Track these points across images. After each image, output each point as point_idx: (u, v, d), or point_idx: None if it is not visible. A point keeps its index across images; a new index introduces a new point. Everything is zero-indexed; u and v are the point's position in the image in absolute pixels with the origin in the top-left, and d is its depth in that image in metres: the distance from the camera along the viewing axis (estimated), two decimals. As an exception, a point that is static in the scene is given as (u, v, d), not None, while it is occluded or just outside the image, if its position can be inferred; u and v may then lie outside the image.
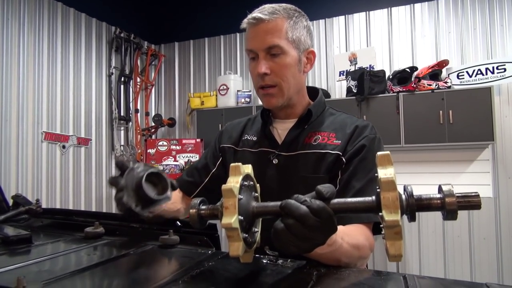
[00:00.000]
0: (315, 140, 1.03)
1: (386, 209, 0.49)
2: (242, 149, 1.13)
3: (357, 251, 0.77)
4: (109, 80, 4.22)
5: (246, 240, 0.58)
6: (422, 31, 3.80)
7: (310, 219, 0.53)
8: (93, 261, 0.68)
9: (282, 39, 0.97)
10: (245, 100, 4.23)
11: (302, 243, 0.55)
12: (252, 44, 0.99)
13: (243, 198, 0.59)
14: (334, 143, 1.01)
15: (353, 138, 1.01)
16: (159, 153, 4.06)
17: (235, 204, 0.55)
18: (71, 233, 0.89)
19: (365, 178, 0.94)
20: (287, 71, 0.99)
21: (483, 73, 3.40)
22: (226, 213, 0.56)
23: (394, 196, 0.50)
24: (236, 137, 1.17)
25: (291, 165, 1.02)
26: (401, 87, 3.53)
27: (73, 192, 3.68)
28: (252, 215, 0.61)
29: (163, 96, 4.97)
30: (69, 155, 3.67)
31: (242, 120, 1.23)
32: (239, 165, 0.61)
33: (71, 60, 3.75)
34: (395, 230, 0.48)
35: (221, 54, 4.68)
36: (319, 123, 1.07)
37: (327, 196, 0.56)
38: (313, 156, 1.01)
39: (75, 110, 3.78)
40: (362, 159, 0.97)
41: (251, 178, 0.66)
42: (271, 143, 1.08)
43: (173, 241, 0.79)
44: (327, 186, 0.57)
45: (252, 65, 1.02)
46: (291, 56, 0.99)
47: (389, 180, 0.50)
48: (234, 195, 0.56)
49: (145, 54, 4.74)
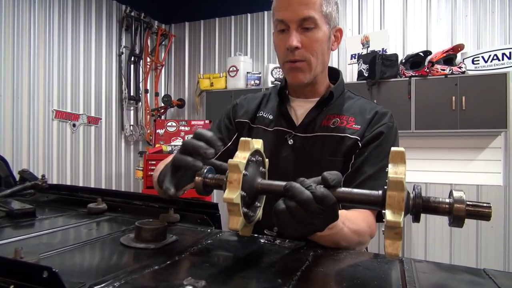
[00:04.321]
0: (333, 123, 1.00)
1: (389, 208, 0.48)
2: (257, 126, 1.09)
3: (357, 236, 0.77)
4: (119, 60, 4.23)
5: (246, 215, 0.58)
6: (437, 14, 3.69)
7: (312, 205, 0.53)
8: (92, 236, 0.69)
9: (317, 11, 0.92)
10: (255, 82, 4.20)
11: (300, 227, 0.55)
12: (283, 14, 0.93)
13: (249, 173, 0.59)
14: (353, 128, 0.98)
15: (372, 124, 0.98)
16: (168, 133, 4.08)
17: (239, 180, 0.56)
18: (75, 209, 0.91)
19: (377, 165, 0.93)
20: (318, 47, 0.95)
21: (499, 58, 3.30)
22: (230, 187, 0.56)
23: (400, 197, 0.48)
24: (252, 112, 1.12)
25: (307, 147, 1.00)
26: (413, 72, 3.45)
27: (83, 170, 3.75)
28: (256, 191, 0.61)
29: (173, 77, 4.96)
30: (79, 134, 3.72)
31: (257, 96, 1.18)
32: (249, 141, 0.60)
33: (81, 39, 3.75)
34: (396, 230, 0.47)
35: (231, 35, 4.63)
36: (338, 106, 1.04)
37: (333, 183, 0.55)
38: (332, 139, 0.98)
39: (85, 89, 3.81)
40: (378, 145, 0.95)
41: (260, 153, 0.66)
42: (287, 123, 1.04)
43: (174, 219, 0.79)
44: (333, 174, 0.56)
45: (280, 37, 0.97)
46: (323, 31, 0.95)
47: (397, 180, 0.48)
48: (240, 170, 0.56)
49: (155, 34, 4.71)
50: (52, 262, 0.54)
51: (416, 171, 3.64)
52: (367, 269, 0.59)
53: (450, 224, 0.51)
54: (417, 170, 3.66)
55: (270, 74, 4.11)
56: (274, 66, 4.11)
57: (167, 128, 4.10)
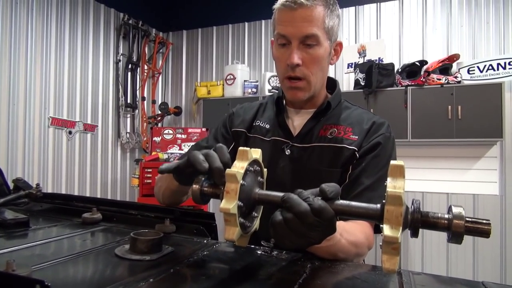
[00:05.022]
0: (331, 133, 1.00)
1: (387, 223, 0.48)
2: (253, 135, 1.08)
3: (355, 248, 0.76)
4: (116, 67, 4.23)
5: (243, 225, 0.58)
6: (433, 24, 3.73)
7: (309, 217, 0.52)
8: (86, 247, 0.68)
9: (320, 28, 0.91)
10: (252, 90, 4.21)
11: (297, 239, 0.54)
12: (286, 29, 0.92)
13: (247, 183, 0.58)
14: (351, 138, 0.98)
15: (369, 134, 0.98)
16: (165, 141, 4.07)
17: (236, 190, 0.55)
18: (70, 218, 0.90)
19: (375, 176, 0.92)
20: (318, 64, 0.95)
21: (494, 68, 3.33)
22: (227, 197, 0.55)
23: (398, 212, 0.47)
24: (248, 121, 1.11)
25: (305, 157, 0.99)
26: (410, 81, 3.48)
27: (78, 178, 3.72)
28: (253, 201, 0.61)
29: (170, 85, 4.97)
30: (75, 141, 3.70)
31: (253, 105, 1.17)
32: (248, 150, 0.60)
33: (78, 46, 3.76)
34: (393, 246, 0.47)
35: (229, 44, 4.65)
36: (335, 116, 1.04)
37: (331, 196, 0.55)
38: (329, 149, 0.98)
39: (82, 96, 3.80)
40: (375, 156, 0.95)
41: (258, 163, 0.65)
42: (285, 133, 1.04)
43: (169, 229, 0.79)
44: (331, 186, 0.55)
45: (281, 52, 0.96)
46: (324, 47, 0.94)
47: (396, 195, 0.48)
48: (237, 181, 0.55)
49: (153, 42, 4.72)
50: (45, 274, 0.53)
51: (412, 180, 3.64)
52: (365, 281, 0.59)
53: (448, 240, 0.51)
54: (414, 179, 3.66)
55: (267, 82, 4.11)
56: (271, 75, 4.12)
57: (164, 135, 4.09)
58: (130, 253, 0.62)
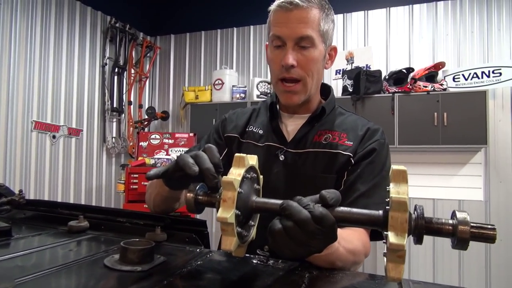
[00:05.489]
0: (325, 139, 0.99)
1: (392, 230, 0.46)
2: (247, 141, 1.06)
3: (353, 256, 0.75)
4: (102, 71, 4.16)
5: (240, 235, 0.56)
6: (420, 32, 3.79)
7: (310, 225, 0.50)
8: (73, 258, 0.64)
9: (315, 30, 0.91)
10: (240, 95, 4.19)
11: (298, 248, 0.52)
12: (281, 30, 0.91)
13: (243, 191, 0.56)
14: (345, 144, 0.97)
15: (364, 140, 0.97)
16: (151, 146, 4.01)
17: (233, 198, 0.53)
18: (55, 227, 0.86)
19: (370, 182, 0.91)
20: (314, 66, 0.94)
21: (478, 76, 3.40)
22: (224, 206, 0.53)
23: (403, 218, 0.46)
24: (241, 127, 1.09)
25: (299, 163, 0.98)
26: (397, 88, 3.52)
27: (62, 183, 3.62)
28: (250, 209, 0.58)
29: (157, 89, 4.91)
30: (59, 146, 3.61)
31: (246, 110, 1.16)
32: (244, 157, 0.58)
33: (64, 48, 3.68)
34: (399, 253, 0.45)
35: (217, 48, 4.63)
36: (329, 122, 1.03)
37: (331, 202, 0.53)
38: (324, 155, 0.96)
39: (67, 100, 3.71)
40: (370, 162, 0.94)
41: (255, 170, 0.63)
42: (279, 139, 1.02)
43: (160, 238, 0.76)
44: (332, 192, 0.54)
45: (276, 53, 0.95)
46: (319, 50, 0.94)
47: (401, 201, 0.46)
48: (234, 188, 0.53)
49: (140, 46, 4.67)
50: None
51: (399, 186, 3.66)
52: (365, 292, 0.57)
53: (453, 247, 0.49)
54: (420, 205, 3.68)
55: (255, 88, 4.11)
56: (260, 80, 4.11)
57: (151, 140, 4.03)
58: (120, 263, 0.59)
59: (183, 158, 0.63)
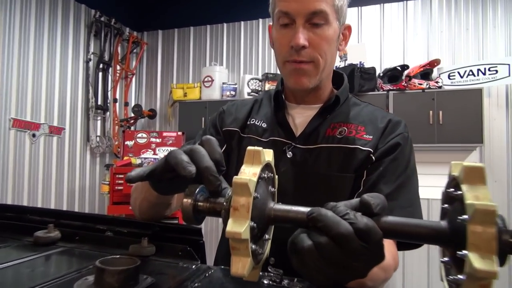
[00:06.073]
0: (340, 133, 0.86)
1: (476, 250, 0.33)
2: (248, 136, 0.93)
3: (384, 273, 0.62)
4: (86, 67, 3.97)
5: (254, 253, 0.42)
6: (414, 29, 3.72)
7: (353, 242, 0.37)
8: (36, 280, 0.50)
9: (329, 4, 0.78)
10: (230, 93, 4.06)
11: (336, 272, 0.39)
12: (289, 5, 0.78)
13: (260, 195, 0.42)
14: (364, 138, 0.84)
15: (386, 134, 0.85)
16: (138, 145, 3.84)
17: (248, 206, 0.39)
18: (19, 238, 0.71)
19: (394, 183, 0.79)
20: (328, 47, 0.81)
21: (474, 74, 3.34)
22: (235, 216, 0.39)
23: (490, 234, 0.33)
24: (241, 120, 0.96)
25: (310, 160, 0.85)
26: (391, 85, 3.44)
27: (42, 185, 3.43)
28: (267, 219, 0.44)
29: (144, 86, 4.74)
30: (39, 145, 3.42)
31: (246, 102, 1.02)
32: (260, 151, 0.44)
33: (45, 42, 3.49)
34: (484, 282, 0.32)
35: (207, 44, 4.49)
36: (343, 114, 0.90)
37: (377, 210, 0.40)
38: (340, 151, 0.83)
39: (48, 96, 3.52)
40: (394, 159, 0.81)
41: (271, 168, 0.49)
42: (285, 133, 0.89)
43: (148, 252, 0.62)
44: (375, 197, 0.41)
45: (283, 33, 0.82)
46: (333, 28, 0.81)
47: (488, 210, 0.33)
48: (249, 193, 0.40)
49: (126, 41, 4.50)
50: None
51: (394, 186, 3.58)
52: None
53: None
54: None
55: (246, 85, 3.98)
56: (251, 77, 3.99)
57: (137, 139, 3.86)
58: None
59: (175, 155, 0.49)
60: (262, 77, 3.93)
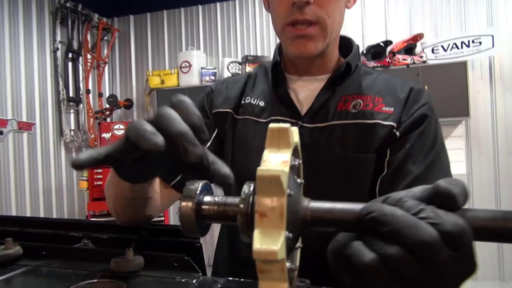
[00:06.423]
0: (354, 107, 0.73)
1: None
2: (243, 117, 0.80)
3: None
4: (54, 56, 3.71)
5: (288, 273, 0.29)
6: (395, 3, 3.63)
7: (441, 252, 0.26)
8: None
9: None
10: (210, 78, 3.89)
11: None
12: None
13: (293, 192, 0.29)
14: (384, 111, 0.72)
15: (409, 104, 0.73)
16: (115, 137, 3.65)
17: (282, 210, 0.27)
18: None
19: (424, 162, 0.67)
20: (335, 4, 0.69)
21: (458, 47, 3.29)
22: (263, 226, 0.27)
23: None
24: (234, 99, 0.83)
25: (321, 141, 0.72)
26: (375, 62, 3.36)
27: (15, 185, 3.21)
28: (302, 224, 0.31)
29: (118, 75, 4.51)
30: (8, 142, 3.19)
31: (238, 78, 0.88)
32: (287, 128, 0.31)
33: (6, 32, 3.22)
34: None
35: (181, 28, 4.28)
36: (354, 84, 0.77)
37: (461, 203, 0.28)
38: (356, 128, 0.71)
39: (14, 90, 3.27)
40: (421, 133, 0.69)
41: (297, 152, 0.36)
42: (289, 110, 0.76)
43: (135, 266, 0.49)
44: (455, 183, 0.28)
45: None
46: None
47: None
48: (282, 190, 0.27)
49: (96, 28, 4.23)
50: None
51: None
52: None
53: None
54: None
55: (226, 69, 3.82)
56: (230, 61, 3.83)
57: (114, 131, 3.66)
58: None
59: (136, 126, 0.37)
60: (242, 60, 3.78)
